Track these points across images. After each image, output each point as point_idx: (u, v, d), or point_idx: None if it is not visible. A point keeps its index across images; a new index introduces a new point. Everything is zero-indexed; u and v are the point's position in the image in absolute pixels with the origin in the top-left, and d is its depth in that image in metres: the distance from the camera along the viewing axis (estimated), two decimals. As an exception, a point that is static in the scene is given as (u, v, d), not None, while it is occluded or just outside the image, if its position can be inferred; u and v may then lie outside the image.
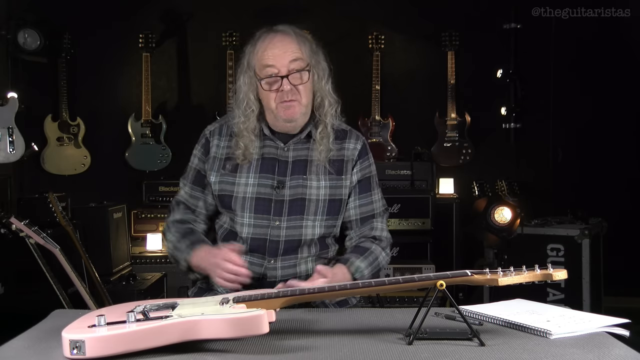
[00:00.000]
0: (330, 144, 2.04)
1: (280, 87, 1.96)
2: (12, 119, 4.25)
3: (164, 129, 4.97)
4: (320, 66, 2.04)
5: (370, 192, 2.12)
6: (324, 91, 2.05)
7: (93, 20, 4.97)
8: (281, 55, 1.96)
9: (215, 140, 2.09)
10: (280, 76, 1.96)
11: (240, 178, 2.03)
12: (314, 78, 2.02)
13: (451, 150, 5.02)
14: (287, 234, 2.02)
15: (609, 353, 1.38)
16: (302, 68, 1.97)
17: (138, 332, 1.35)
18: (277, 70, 1.96)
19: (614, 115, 5.01)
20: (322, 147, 2.03)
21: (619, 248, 4.65)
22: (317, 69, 2.03)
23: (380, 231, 2.12)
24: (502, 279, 1.47)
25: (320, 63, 2.04)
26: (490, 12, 5.00)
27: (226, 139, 2.08)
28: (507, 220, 4.31)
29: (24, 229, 3.03)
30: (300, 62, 1.97)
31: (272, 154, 2.05)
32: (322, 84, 2.04)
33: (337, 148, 2.07)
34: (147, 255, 4.44)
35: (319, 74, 2.03)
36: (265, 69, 1.97)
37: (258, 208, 2.01)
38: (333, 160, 2.06)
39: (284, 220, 2.01)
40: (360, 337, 1.52)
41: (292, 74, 1.96)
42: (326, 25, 5.04)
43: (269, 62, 1.96)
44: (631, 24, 4.78)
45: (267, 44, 1.98)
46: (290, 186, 2.02)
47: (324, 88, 2.05)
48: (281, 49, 1.96)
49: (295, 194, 2.03)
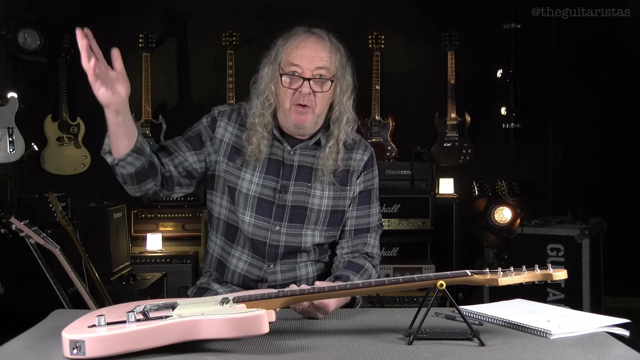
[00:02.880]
0: (338, 160, 2.01)
1: (300, 87, 1.93)
2: (12, 119, 4.25)
3: (164, 129, 4.97)
4: (345, 81, 2.01)
5: (369, 205, 2.10)
6: (344, 106, 2.01)
7: (93, 20, 4.95)
8: (310, 58, 1.93)
9: (223, 123, 2.04)
10: (302, 77, 1.93)
11: (246, 174, 2.01)
12: (336, 91, 1.99)
13: (451, 150, 5.02)
14: (286, 239, 2.01)
15: (609, 353, 1.38)
16: (325, 77, 1.95)
17: (138, 332, 1.35)
18: (301, 71, 1.93)
19: (614, 115, 5.01)
20: (329, 162, 2.00)
21: (619, 248, 4.65)
22: (342, 83, 2.00)
23: (372, 247, 2.09)
24: (502, 279, 1.47)
25: (345, 78, 2.01)
26: (490, 12, 5.01)
27: (235, 126, 2.04)
28: (507, 220, 4.31)
29: (24, 229, 3.03)
30: (325, 70, 1.95)
31: (278, 156, 2.02)
32: (344, 98, 2.01)
33: (344, 159, 2.04)
34: (147, 255, 4.44)
35: (342, 88, 2.00)
36: (290, 66, 1.94)
37: (260, 209, 1.99)
38: (339, 170, 2.03)
39: (284, 226, 2.00)
40: (360, 337, 1.52)
41: (314, 79, 1.93)
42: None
43: (296, 61, 1.93)
44: (631, 24, 4.78)
45: (300, 42, 1.96)
46: (293, 192, 2.01)
47: (344, 103, 2.01)
48: (312, 51, 1.94)
49: (297, 200, 2.01)
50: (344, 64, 2.01)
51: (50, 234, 3.12)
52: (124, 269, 4.13)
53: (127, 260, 4.26)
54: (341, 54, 2.01)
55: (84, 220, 3.83)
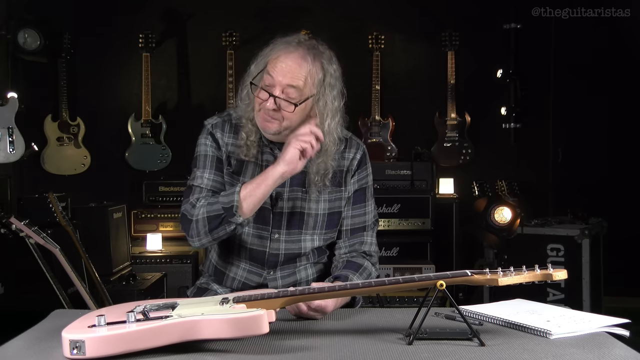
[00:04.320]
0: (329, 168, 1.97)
1: (266, 101, 1.87)
2: (12, 119, 4.25)
3: (164, 129, 4.97)
4: (326, 102, 1.91)
5: (364, 204, 2.08)
6: (325, 131, 1.91)
7: (93, 20, 4.97)
8: (284, 73, 1.86)
9: (219, 134, 2.01)
10: (270, 93, 1.86)
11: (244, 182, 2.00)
12: (315, 108, 1.91)
13: (451, 150, 5.02)
14: (286, 247, 2.01)
15: (609, 353, 1.38)
16: (293, 98, 1.86)
17: (138, 332, 1.35)
18: (274, 84, 1.87)
19: (614, 115, 5.01)
20: (318, 172, 1.96)
21: (619, 248, 4.65)
22: (320, 104, 1.91)
23: (370, 246, 2.08)
24: (502, 279, 1.47)
25: (327, 99, 1.91)
26: (490, 12, 5.00)
27: (230, 136, 2.01)
28: (507, 220, 4.31)
29: (24, 229, 3.02)
30: (296, 90, 1.86)
31: (270, 163, 1.98)
32: (326, 122, 1.91)
33: (336, 159, 2.01)
34: (147, 255, 4.44)
35: (321, 110, 1.91)
36: (267, 74, 1.89)
37: (258, 218, 1.97)
38: (332, 171, 2.00)
39: (283, 233, 2.00)
40: (360, 337, 1.52)
41: (280, 97, 1.86)
42: (326, 25, 5.04)
43: (273, 72, 1.87)
44: (631, 24, 4.78)
45: (282, 54, 1.88)
46: (289, 198, 2.00)
47: (326, 128, 1.91)
48: (289, 67, 1.86)
49: (293, 207, 2.00)
50: (328, 85, 1.91)
51: (50, 234, 3.12)
52: (124, 269, 4.13)
53: (127, 260, 4.26)
54: (325, 75, 1.91)
55: (84, 220, 3.82)
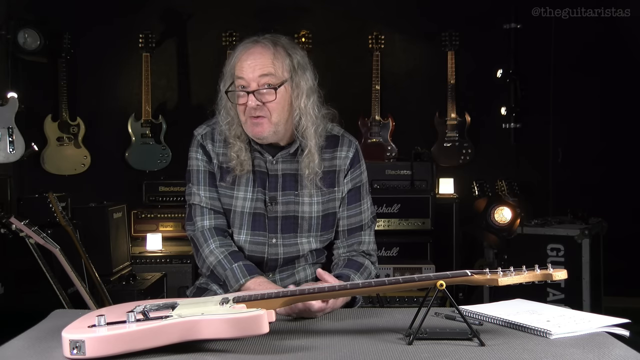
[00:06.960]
0: (316, 166, 1.96)
1: (247, 101, 1.87)
2: (12, 119, 4.25)
3: (164, 129, 4.97)
4: (300, 84, 1.92)
5: (360, 202, 2.07)
6: (303, 109, 1.92)
7: (93, 20, 4.97)
8: (253, 68, 1.87)
9: (209, 145, 2.01)
10: (246, 91, 1.87)
11: (239, 192, 2.00)
12: (292, 95, 1.92)
13: (451, 150, 5.02)
14: (284, 250, 2.01)
15: (609, 353, 1.38)
16: (271, 84, 1.87)
17: (138, 332, 1.35)
18: (247, 83, 1.87)
19: (614, 115, 5.01)
20: (309, 171, 1.96)
21: (619, 248, 4.65)
22: (296, 87, 1.92)
23: (368, 245, 2.08)
24: (502, 279, 1.47)
25: (301, 81, 1.92)
26: (490, 12, 5.01)
27: (220, 145, 2.01)
28: (507, 220, 4.31)
29: (24, 229, 3.02)
30: (271, 77, 1.87)
31: (262, 167, 2.00)
32: (301, 101, 1.92)
33: (328, 158, 2.02)
34: (147, 255, 4.44)
35: (297, 92, 1.92)
36: (237, 79, 1.90)
37: (254, 224, 1.98)
38: (325, 172, 2.00)
39: (280, 237, 2.00)
40: (360, 337, 1.52)
41: (260, 90, 1.87)
42: (326, 25, 5.04)
43: (242, 73, 1.88)
44: (631, 24, 4.78)
45: (243, 53, 1.90)
46: (282, 202, 1.99)
47: (303, 106, 1.92)
48: (254, 61, 1.87)
49: (287, 210, 2.00)
50: (298, 66, 1.92)
51: (50, 234, 3.12)
52: (124, 269, 4.13)
53: (127, 260, 4.26)
54: (292, 58, 1.92)
55: (84, 220, 3.82)
